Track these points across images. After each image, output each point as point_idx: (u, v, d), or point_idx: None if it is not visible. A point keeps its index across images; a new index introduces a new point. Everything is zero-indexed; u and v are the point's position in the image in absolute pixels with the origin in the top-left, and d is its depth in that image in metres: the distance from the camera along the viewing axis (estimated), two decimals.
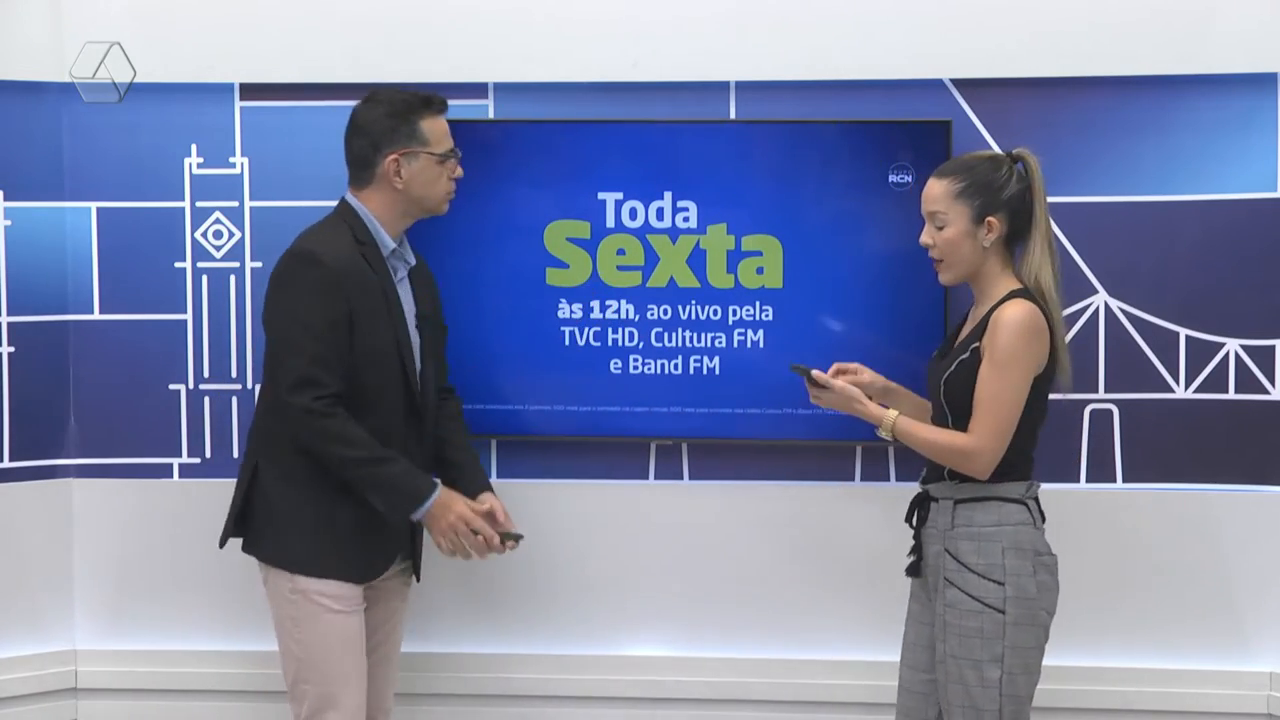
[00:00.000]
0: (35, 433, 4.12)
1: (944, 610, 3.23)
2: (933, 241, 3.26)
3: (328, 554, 3.34)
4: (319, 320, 3.25)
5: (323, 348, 3.25)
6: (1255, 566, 3.97)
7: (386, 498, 3.30)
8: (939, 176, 3.26)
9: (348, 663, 3.36)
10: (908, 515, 3.37)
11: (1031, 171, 3.26)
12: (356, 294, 3.29)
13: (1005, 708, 3.19)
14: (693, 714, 4.09)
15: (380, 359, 3.33)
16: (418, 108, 3.37)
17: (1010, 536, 3.21)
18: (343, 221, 3.38)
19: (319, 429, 3.25)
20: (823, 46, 3.95)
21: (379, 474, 3.27)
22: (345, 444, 3.25)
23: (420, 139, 3.35)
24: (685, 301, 3.96)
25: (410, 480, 3.31)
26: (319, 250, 3.30)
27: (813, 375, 3.28)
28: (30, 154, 4.07)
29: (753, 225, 3.93)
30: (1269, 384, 3.93)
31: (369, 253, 3.35)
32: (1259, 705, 3.98)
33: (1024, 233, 3.26)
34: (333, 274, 3.26)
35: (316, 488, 3.32)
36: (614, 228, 3.95)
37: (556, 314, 3.98)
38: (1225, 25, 3.87)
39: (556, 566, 4.10)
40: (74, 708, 4.18)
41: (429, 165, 3.37)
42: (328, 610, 3.34)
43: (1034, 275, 3.23)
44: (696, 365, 3.97)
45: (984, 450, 3.18)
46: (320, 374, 3.24)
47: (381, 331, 3.33)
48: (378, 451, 3.27)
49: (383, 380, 3.34)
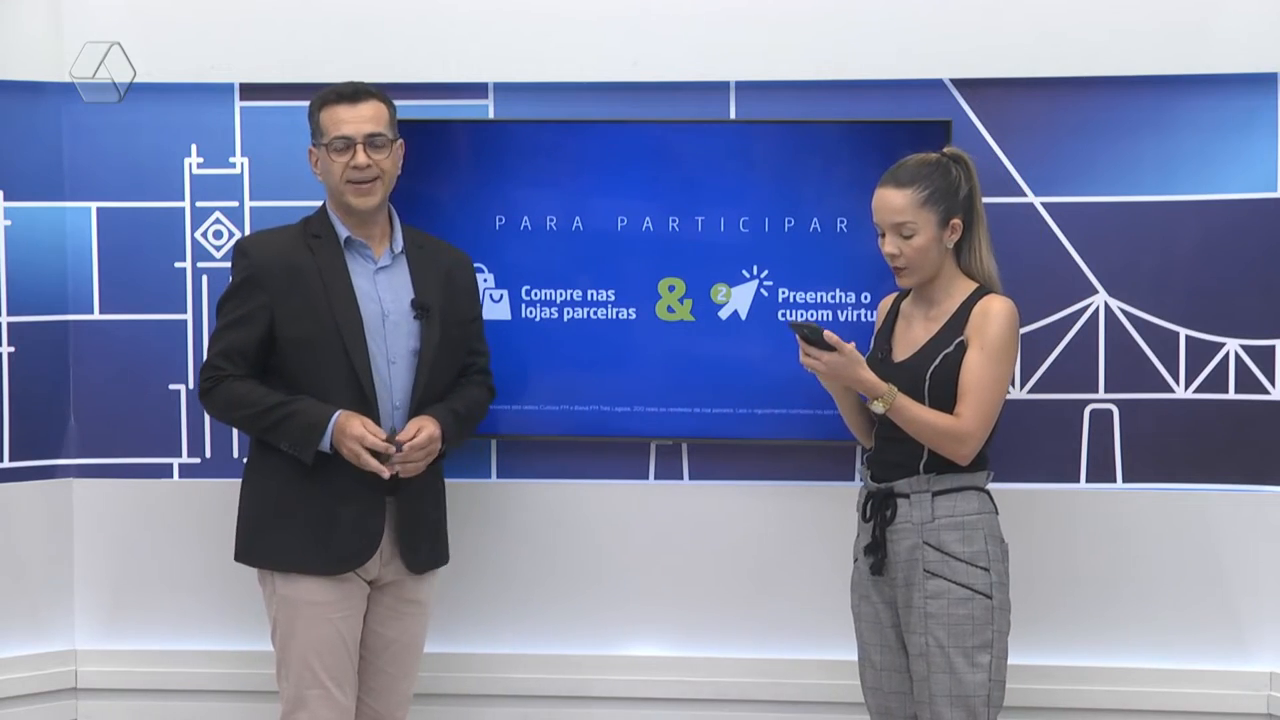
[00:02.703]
0: (35, 433, 4.12)
1: (924, 602, 3.24)
2: (899, 251, 3.28)
3: (292, 548, 3.39)
4: (233, 313, 3.41)
5: (231, 339, 3.40)
6: (1255, 566, 3.97)
7: (292, 438, 3.36)
8: (899, 186, 3.27)
9: (318, 666, 3.38)
10: (869, 514, 3.34)
11: (971, 169, 3.33)
12: (279, 284, 3.38)
13: (993, 693, 3.24)
14: (692, 714, 4.09)
15: (313, 348, 3.38)
16: (323, 101, 3.44)
17: (989, 524, 3.28)
18: (307, 217, 3.50)
19: (217, 399, 3.41)
20: (823, 46, 3.95)
21: (280, 418, 3.36)
22: (240, 405, 3.39)
23: (318, 131, 3.44)
24: (686, 302, 3.96)
25: (310, 413, 3.35)
26: (247, 244, 3.48)
27: (825, 335, 3.20)
28: (30, 154, 4.07)
29: (752, 225, 3.93)
30: (1269, 384, 3.93)
31: (320, 244, 3.43)
32: (1259, 705, 3.98)
33: (969, 229, 3.33)
34: (251, 266, 3.41)
35: (273, 480, 3.41)
36: (614, 228, 3.96)
37: (556, 314, 3.98)
38: (1225, 25, 3.87)
39: (557, 566, 4.11)
40: (74, 708, 4.18)
41: (324, 156, 3.43)
42: (303, 615, 3.37)
43: (984, 268, 3.33)
44: (697, 365, 3.97)
45: (976, 434, 3.23)
46: (224, 365, 3.40)
47: (315, 322, 3.37)
48: (274, 398, 3.36)
49: (321, 369, 3.38)
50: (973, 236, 3.33)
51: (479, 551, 4.02)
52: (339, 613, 3.40)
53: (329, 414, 3.34)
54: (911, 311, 3.39)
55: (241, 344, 3.39)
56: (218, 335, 3.43)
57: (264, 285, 3.38)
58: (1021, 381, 3.96)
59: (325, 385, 3.37)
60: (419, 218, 3.70)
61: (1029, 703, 3.94)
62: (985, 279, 3.33)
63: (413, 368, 3.44)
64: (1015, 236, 3.84)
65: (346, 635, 3.42)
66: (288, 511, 3.40)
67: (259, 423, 3.38)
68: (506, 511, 4.08)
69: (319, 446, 3.34)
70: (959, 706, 3.22)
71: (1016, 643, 3.33)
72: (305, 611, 3.38)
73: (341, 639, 3.41)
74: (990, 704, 3.23)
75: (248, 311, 3.39)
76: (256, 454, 3.47)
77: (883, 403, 3.23)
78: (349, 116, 3.40)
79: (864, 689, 3.45)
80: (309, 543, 3.38)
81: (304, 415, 3.35)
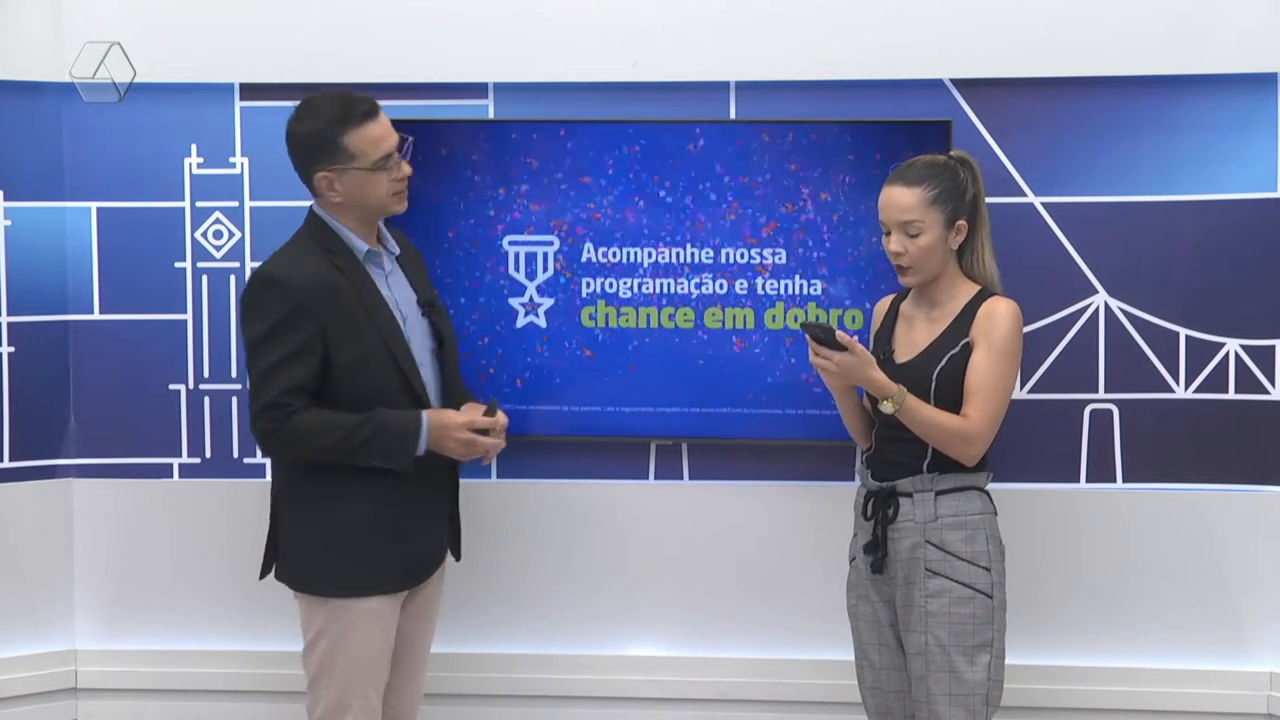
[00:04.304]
0: (35, 433, 4.12)
1: (925, 601, 3.25)
2: (904, 250, 3.28)
3: (358, 574, 3.29)
4: (284, 346, 3.20)
5: (293, 374, 3.20)
6: (1255, 566, 3.97)
7: (385, 453, 3.24)
8: (908, 185, 3.28)
9: (368, 674, 3.33)
10: (870, 513, 3.35)
11: (976, 172, 3.34)
12: (327, 310, 3.23)
13: (991, 692, 3.24)
14: (693, 714, 4.09)
15: (370, 367, 3.27)
16: (338, 121, 3.24)
17: (990, 524, 3.30)
18: (310, 236, 3.32)
19: (288, 437, 3.21)
20: (823, 46, 3.95)
21: (367, 436, 3.22)
22: (320, 433, 3.21)
23: (346, 154, 3.24)
24: (686, 305, 3.96)
25: (397, 424, 3.26)
26: (280, 272, 3.24)
27: (837, 335, 3.19)
28: (30, 154, 4.07)
29: (752, 225, 3.93)
30: (1269, 384, 3.93)
31: (342, 261, 3.29)
32: (1259, 705, 3.98)
33: (973, 232, 3.34)
34: (296, 294, 3.20)
35: (341, 509, 3.27)
36: (614, 228, 3.96)
37: (556, 314, 3.98)
38: (1225, 25, 3.87)
39: (556, 566, 4.11)
40: (74, 708, 4.18)
41: (360, 176, 3.27)
42: (361, 626, 3.30)
43: (986, 270, 3.35)
44: (697, 365, 3.98)
45: (983, 435, 3.24)
46: (291, 401, 3.19)
47: (365, 340, 3.27)
48: (350, 420, 3.22)
49: (379, 386, 3.29)
50: (976, 240, 3.35)
51: (479, 552, 4.02)
52: (392, 623, 3.37)
53: (417, 417, 3.27)
54: (913, 313, 3.39)
55: (303, 377, 3.20)
56: (271, 373, 3.19)
57: (312, 313, 3.21)
58: (1022, 381, 3.96)
59: (382, 402, 3.27)
60: (419, 218, 3.70)
61: (1029, 703, 3.95)
62: (987, 282, 3.35)
63: (435, 365, 3.42)
64: (1015, 236, 3.84)
65: (392, 642, 3.39)
66: (357, 536, 3.28)
67: (343, 446, 3.21)
68: (507, 511, 4.08)
69: (417, 453, 3.27)
70: (957, 705, 3.23)
71: (1018, 643, 3.34)
72: (363, 623, 3.30)
73: (389, 647, 3.38)
74: (989, 703, 3.24)
75: (303, 342, 3.20)
76: (307, 479, 3.29)
77: (893, 403, 3.23)
78: (382, 132, 3.28)
79: (862, 689, 3.45)
80: (383, 565, 3.31)
81: (391, 426, 3.25)
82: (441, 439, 3.27)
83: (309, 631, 3.34)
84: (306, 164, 3.29)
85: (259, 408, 3.22)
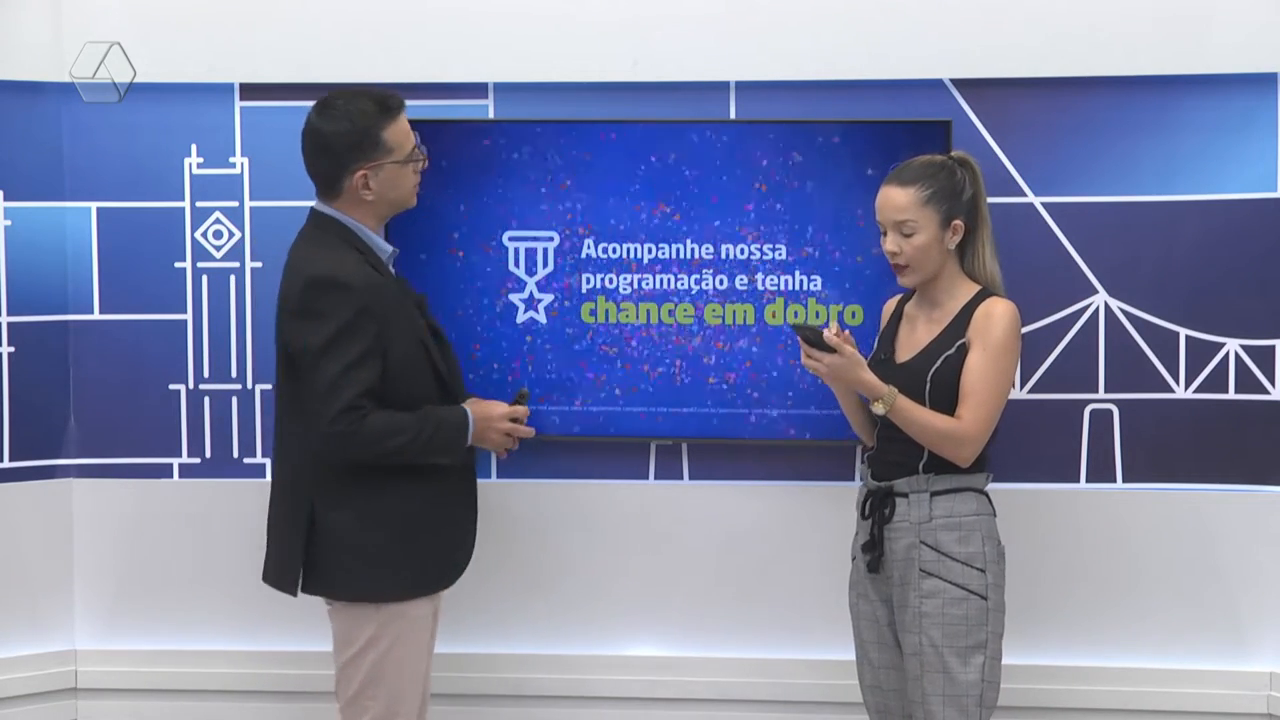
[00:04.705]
0: (35, 433, 4.12)
1: (919, 601, 3.25)
2: (900, 249, 3.28)
3: (412, 575, 3.28)
4: (356, 348, 3.17)
5: (367, 376, 3.18)
6: (1255, 566, 3.97)
7: (445, 448, 3.28)
8: (902, 185, 3.28)
9: (417, 681, 3.32)
10: (868, 512, 3.35)
11: (976, 173, 3.34)
12: (381, 310, 3.21)
13: (985, 693, 3.24)
14: (693, 714, 4.09)
15: (413, 366, 3.27)
16: (377, 117, 3.24)
17: (986, 526, 3.29)
18: (337, 236, 3.27)
19: (364, 438, 3.16)
20: (822, 46, 3.95)
21: (432, 432, 3.24)
22: (392, 433, 3.19)
23: (384, 149, 3.24)
24: (686, 301, 3.96)
25: (449, 417, 3.30)
26: (341, 275, 3.19)
27: (825, 337, 3.21)
28: (30, 154, 4.07)
29: (752, 226, 3.93)
30: (1269, 384, 3.93)
31: (372, 261, 3.28)
32: (1259, 705, 3.98)
33: (973, 232, 3.34)
34: (359, 296, 3.17)
35: (387, 512, 3.26)
36: (614, 229, 3.96)
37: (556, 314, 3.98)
38: (1225, 25, 3.87)
39: (557, 567, 4.11)
40: (74, 708, 4.18)
41: (395, 170, 3.27)
42: (415, 629, 3.29)
43: (986, 271, 3.35)
44: (697, 366, 3.97)
45: (976, 437, 3.23)
46: (365, 403, 3.17)
47: (409, 339, 3.27)
48: (413, 420, 3.22)
49: (423, 385, 3.30)
50: (976, 240, 3.34)
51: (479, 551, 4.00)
52: (434, 625, 3.39)
53: (463, 412, 3.32)
54: (915, 313, 3.40)
55: (372, 380, 3.18)
56: (345, 375, 3.15)
57: (374, 315, 3.19)
58: (1022, 381, 3.96)
59: (426, 400, 3.28)
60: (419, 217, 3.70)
61: (1029, 703, 3.95)
62: (988, 282, 3.34)
63: None
64: (1015, 236, 3.84)
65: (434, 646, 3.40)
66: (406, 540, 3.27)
67: (413, 445, 3.21)
68: (506, 511, 4.08)
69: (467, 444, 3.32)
70: (951, 705, 3.22)
71: (1018, 643, 3.34)
72: (415, 627, 3.29)
73: (432, 645, 3.39)
74: (983, 704, 3.24)
75: (371, 344, 3.18)
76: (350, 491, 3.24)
77: (883, 404, 3.23)
78: (407, 124, 3.30)
79: (862, 687, 3.45)
80: (431, 565, 3.32)
81: (446, 422, 3.28)
82: (485, 430, 3.34)
83: (355, 642, 3.27)
84: (342, 163, 3.24)
85: (337, 410, 3.15)
